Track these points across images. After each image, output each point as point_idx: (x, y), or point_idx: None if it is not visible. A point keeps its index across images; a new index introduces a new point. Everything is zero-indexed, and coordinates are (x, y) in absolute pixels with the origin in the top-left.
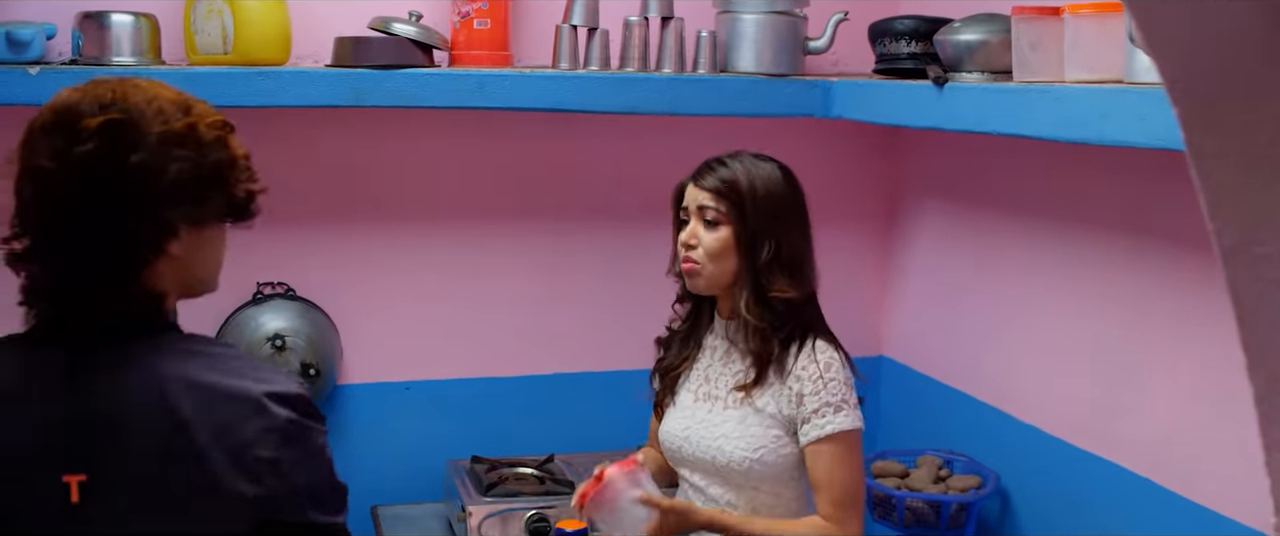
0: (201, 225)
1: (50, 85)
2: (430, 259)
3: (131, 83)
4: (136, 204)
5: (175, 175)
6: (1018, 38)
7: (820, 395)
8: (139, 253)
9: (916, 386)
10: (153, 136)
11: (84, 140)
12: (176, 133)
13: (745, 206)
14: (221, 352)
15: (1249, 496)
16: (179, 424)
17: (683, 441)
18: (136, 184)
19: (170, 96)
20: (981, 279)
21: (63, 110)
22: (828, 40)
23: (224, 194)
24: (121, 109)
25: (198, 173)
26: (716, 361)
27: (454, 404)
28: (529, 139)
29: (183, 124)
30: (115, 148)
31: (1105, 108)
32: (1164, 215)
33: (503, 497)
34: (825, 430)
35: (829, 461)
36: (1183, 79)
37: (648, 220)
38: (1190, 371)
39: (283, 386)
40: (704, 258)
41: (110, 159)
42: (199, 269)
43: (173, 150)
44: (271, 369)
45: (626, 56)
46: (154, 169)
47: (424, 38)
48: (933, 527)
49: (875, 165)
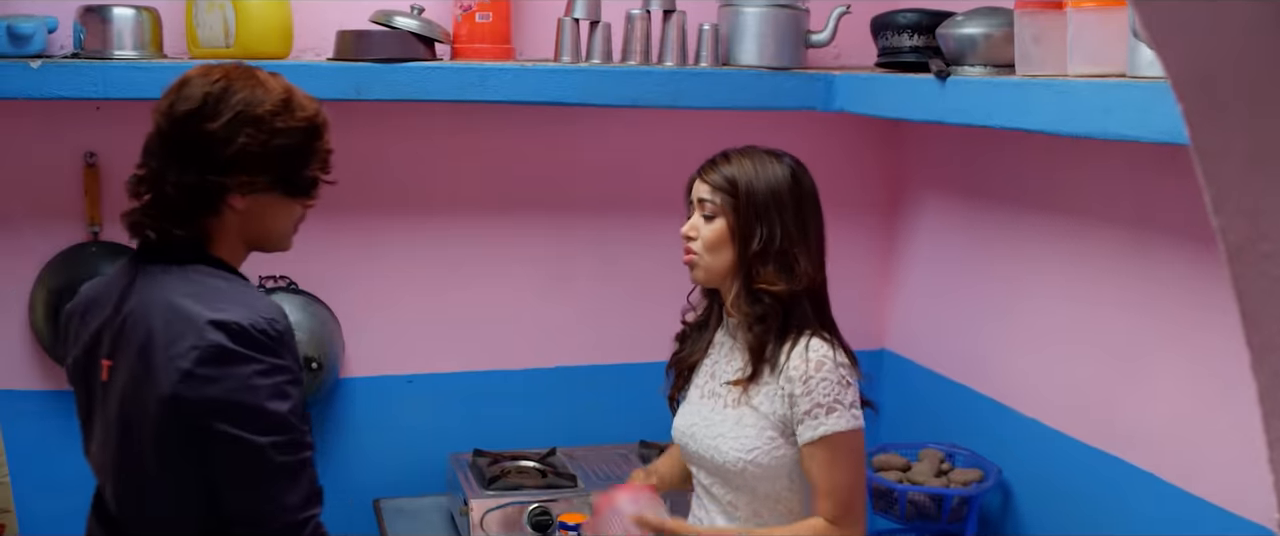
0: (257, 192)
1: (52, 79)
2: (432, 252)
3: (247, 70)
4: (205, 163)
5: (239, 147)
6: (1020, 31)
7: (811, 396)
8: (204, 201)
9: (918, 380)
10: (231, 112)
11: (184, 103)
12: (253, 115)
13: (739, 199)
14: (215, 284)
15: (1251, 490)
16: (149, 333)
17: (688, 438)
18: (207, 147)
19: (273, 86)
20: (983, 272)
21: (184, 78)
22: (830, 33)
23: (283, 173)
24: (221, 87)
25: (262, 150)
26: (722, 358)
27: (456, 397)
28: (531, 132)
29: (263, 109)
30: (202, 114)
31: (1108, 102)
32: (1167, 209)
33: (505, 491)
34: (818, 432)
35: (824, 465)
36: (1188, 75)
37: (650, 213)
38: (1192, 365)
39: (229, 316)
40: (701, 248)
41: (195, 122)
42: (259, 227)
43: (244, 128)
44: (248, 299)
45: (628, 50)
46: (223, 138)
47: (426, 31)
48: (934, 521)
49: (877, 159)
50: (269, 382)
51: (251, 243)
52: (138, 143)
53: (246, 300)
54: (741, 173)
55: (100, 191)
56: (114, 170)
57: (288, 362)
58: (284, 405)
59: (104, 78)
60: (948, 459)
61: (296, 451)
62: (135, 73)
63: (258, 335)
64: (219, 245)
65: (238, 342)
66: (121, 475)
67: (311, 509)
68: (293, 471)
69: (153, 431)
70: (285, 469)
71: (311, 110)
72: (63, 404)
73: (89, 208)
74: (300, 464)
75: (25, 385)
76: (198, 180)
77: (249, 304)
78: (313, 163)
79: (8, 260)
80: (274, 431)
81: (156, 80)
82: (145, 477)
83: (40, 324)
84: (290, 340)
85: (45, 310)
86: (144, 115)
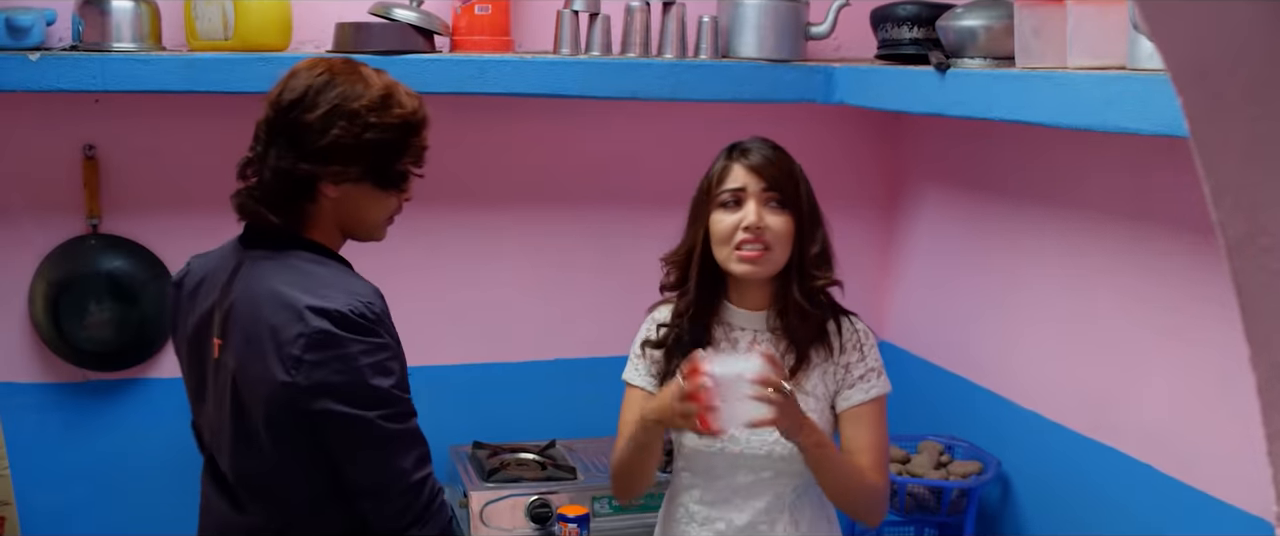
0: (349, 182)
1: (50, 71)
2: (431, 244)
3: (352, 65)
4: (300, 151)
5: (333, 139)
6: (1021, 23)
7: (865, 362)
8: (299, 188)
9: (918, 372)
10: (328, 105)
11: (289, 94)
12: (349, 109)
13: (800, 194)
14: (313, 271)
15: (1248, 482)
16: (257, 321)
17: (728, 442)
18: (303, 136)
19: (374, 82)
20: (983, 265)
21: (293, 70)
22: (830, 25)
23: (374, 165)
24: (323, 80)
25: (355, 143)
26: (740, 354)
27: (455, 389)
28: (530, 124)
29: (359, 104)
30: (301, 104)
31: (1108, 94)
32: (1166, 201)
33: (504, 483)
34: (871, 393)
35: (872, 423)
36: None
37: (649, 206)
38: (1191, 357)
39: (328, 303)
40: (775, 241)
41: (295, 112)
42: (352, 216)
43: (338, 121)
44: (346, 285)
45: (628, 42)
46: (318, 129)
47: (425, 23)
48: (933, 513)
49: (877, 151)
50: (372, 361)
51: (345, 230)
52: (137, 135)
53: (345, 285)
54: (786, 164)
55: (99, 184)
56: (113, 162)
57: (386, 340)
58: (387, 381)
59: (103, 70)
60: (947, 451)
61: (403, 421)
62: (134, 65)
63: (357, 319)
64: (315, 230)
65: (341, 327)
66: (236, 447)
67: (424, 468)
68: (402, 438)
69: (264, 412)
70: (395, 436)
71: (409, 108)
72: (62, 397)
73: (88, 200)
74: (408, 431)
75: (25, 378)
76: (292, 167)
77: (348, 288)
78: (404, 157)
79: (7, 253)
80: (381, 405)
81: (155, 72)
82: (259, 452)
83: (39, 316)
84: (387, 319)
85: (44, 303)
86: (143, 107)
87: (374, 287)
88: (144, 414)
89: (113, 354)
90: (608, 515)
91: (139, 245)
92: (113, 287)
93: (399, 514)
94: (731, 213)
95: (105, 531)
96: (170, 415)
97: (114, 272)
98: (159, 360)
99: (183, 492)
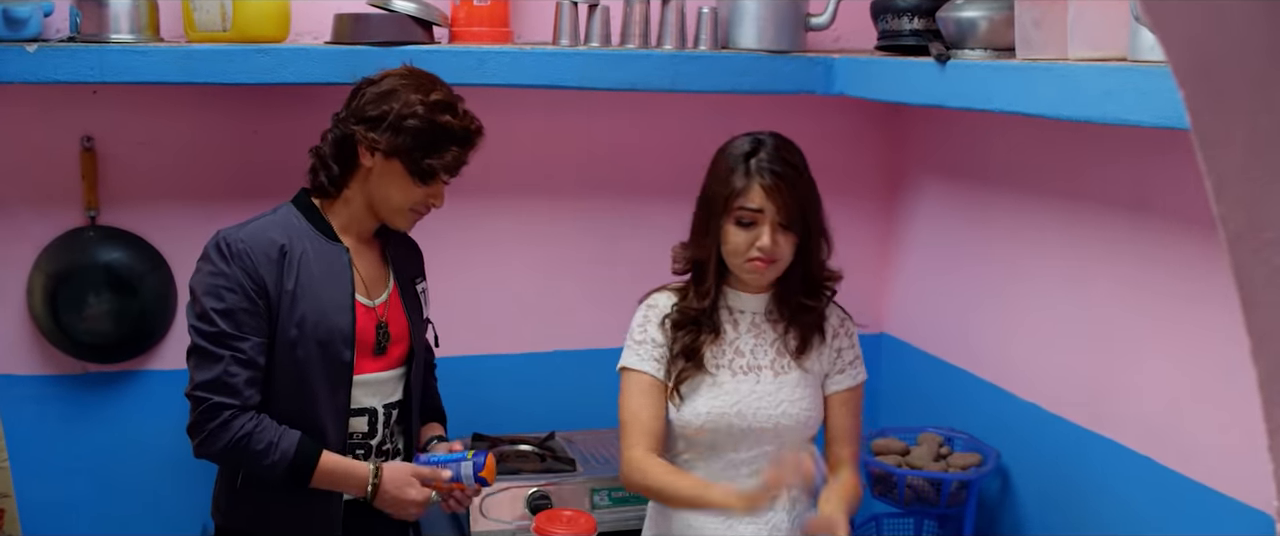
0: (380, 152)
1: (48, 63)
2: (430, 236)
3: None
4: (355, 115)
5: (382, 112)
6: (1021, 15)
7: (853, 348)
8: (344, 149)
9: (917, 364)
10: (390, 87)
11: (371, 76)
12: (406, 96)
13: (809, 216)
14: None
15: (1247, 474)
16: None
17: (734, 417)
18: (362, 104)
19: (441, 89)
20: (983, 256)
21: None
22: (830, 16)
23: (407, 148)
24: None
25: (397, 121)
26: (744, 334)
27: (454, 381)
28: (529, 116)
29: (417, 97)
30: (374, 83)
31: (1109, 85)
32: (1166, 193)
33: (503, 475)
34: (857, 379)
35: (853, 409)
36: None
37: (649, 197)
38: (1190, 349)
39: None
40: (782, 257)
41: (366, 86)
42: (379, 190)
43: (393, 101)
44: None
45: (627, 33)
46: (374, 101)
47: (424, 14)
48: (933, 505)
49: (877, 142)
50: (210, 283)
51: (372, 205)
52: (135, 126)
53: (256, 224)
54: (798, 184)
55: (97, 175)
56: (111, 154)
57: (230, 271)
58: (215, 303)
59: (101, 61)
60: (946, 443)
61: (209, 340)
62: (132, 56)
63: (218, 246)
64: (349, 196)
65: (210, 248)
66: None
67: (203, 388)
68: (199, 353)
69: None
70: (196, 349)
71: (459, 124)
72: (61, 389)
73: (87, 192)
74: (207, 351)
75: (24, 370)
76: (343, 125)
77: (251, 226)
78: (439, 155)
79: (5, 245)
80: (198, 318)
81: (153, 64)
82: None
83: (38, 309)
84: (248, 258)
85: (43, 295)
86: (141, 99)
87: (272, 240)
88: (143, 406)
89: (111, 346)
90: (607, 507)
91: (137, 236)
92: (111, 279)
93: (189, 415)
94: (746, 231)
95: (105, 522)
96: (169, 407)
97: (112, 264)
98: (158, 352)
99: (181, 484)
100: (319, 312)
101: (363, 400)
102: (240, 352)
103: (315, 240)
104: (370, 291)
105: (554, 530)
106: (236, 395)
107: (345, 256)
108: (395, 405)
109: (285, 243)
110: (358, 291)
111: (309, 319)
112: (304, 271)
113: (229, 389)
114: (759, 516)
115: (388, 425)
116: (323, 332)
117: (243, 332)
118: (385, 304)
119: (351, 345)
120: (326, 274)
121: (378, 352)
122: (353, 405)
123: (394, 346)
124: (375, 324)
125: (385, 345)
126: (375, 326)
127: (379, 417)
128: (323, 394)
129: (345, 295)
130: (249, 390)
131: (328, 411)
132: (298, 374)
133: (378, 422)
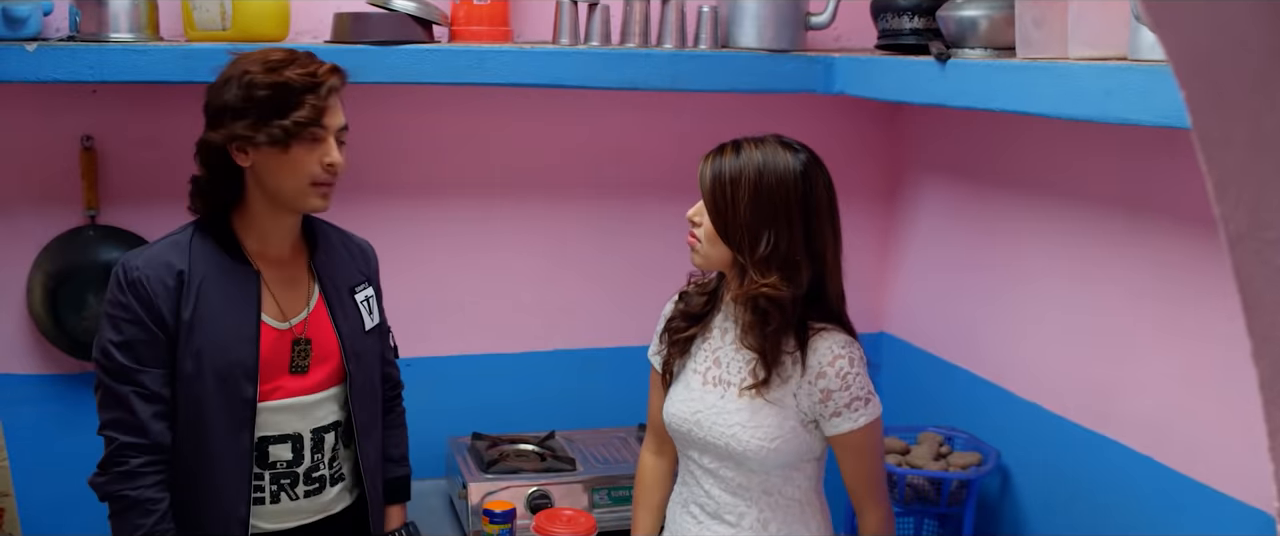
0: (247, 144)
1: (47, 62)
2: (430, 235)
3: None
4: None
5: (223, 103)
6: (1022, 14)
7: (849, 390)
8: (216, 162)
9: (917, 363)
10: (223, 79)
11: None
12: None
13: (720, 204)
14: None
15: (1247, 473)
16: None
17: (693, 425)
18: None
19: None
20: (983, 256)
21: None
22: (830, 15)
23: (261, 120)
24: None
25: (241, 104)
26: (727, 345)
27: (454, 380)
28: (529, 115)
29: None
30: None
31: (1109, 85)
32: (1167, 192)
33: (503, 474)
34: (860, 422)
35: (864, 450)
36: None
37: (649, 196)
38: (1190, 349)
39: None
40: (703, 237)
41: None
42: (270, 183)
43: (232, 88)
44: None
45: (627, 32)
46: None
47: (424, 14)
48: (933, 504)
49: (877, 141)
50: (110, 314)
51: (274, 201)
52: (134, 125)
53: (149, 248)
54: (731, 172)
55: (97, 175)
56: (111, 153)
57: (127, 301)
58: (114, 335)
59: (100, 60)
60: (946, 442)
61: (111, 376)
62: (131, 56)
63: (117, 275)
64: (249, 207)
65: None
66: None
67: (109, 428)
68: (103, 390)
69: None
70: (100, 385)
71: (302, 73)
72: (61, 389)
73: (86, 191)
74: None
75: (23, 369)
76: (204, 140)
77: (143, 252)
78: (289, 113)
79: (4, 244)
80: (101, 354)
81: (153, 63)
82: None
83: (37, 308)
84: (145, 288)
85: (42, 294)
86: (140, 98)
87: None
88: None
89: None
90: (607, 506)
91: (137, 236)
92: None
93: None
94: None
95: (105, 522)
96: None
97: (112, 264)
98: None
99: None
100: (217, 345)
101: (284, 426)
102: (142, 387)
103: (219, 262)
104: (285, 310)
105: (554, 530)
106: (143, 433)
107: (254, 278)
108: (331, 427)
109: (184, 268)
110: (267, 313)
111: (206, 351)
112: (202, 300)
113: (134, 427)
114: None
115: (320, 450)
116: (222, 365)
117: (143, 365)
118: (304, 321)
119: (254, 379)
120: (228, 300)
121: (296, 372)
122: (272, 431)
123: (320, 365)
124: (290, 342)
125: (304, 365)
126: (290, 344)
127: (305, 443)
128: (221, 434)
129: (249, 323)
130: (157, 424)
131: (228, 454)
132: (195, 412)
133: (305, 448)
